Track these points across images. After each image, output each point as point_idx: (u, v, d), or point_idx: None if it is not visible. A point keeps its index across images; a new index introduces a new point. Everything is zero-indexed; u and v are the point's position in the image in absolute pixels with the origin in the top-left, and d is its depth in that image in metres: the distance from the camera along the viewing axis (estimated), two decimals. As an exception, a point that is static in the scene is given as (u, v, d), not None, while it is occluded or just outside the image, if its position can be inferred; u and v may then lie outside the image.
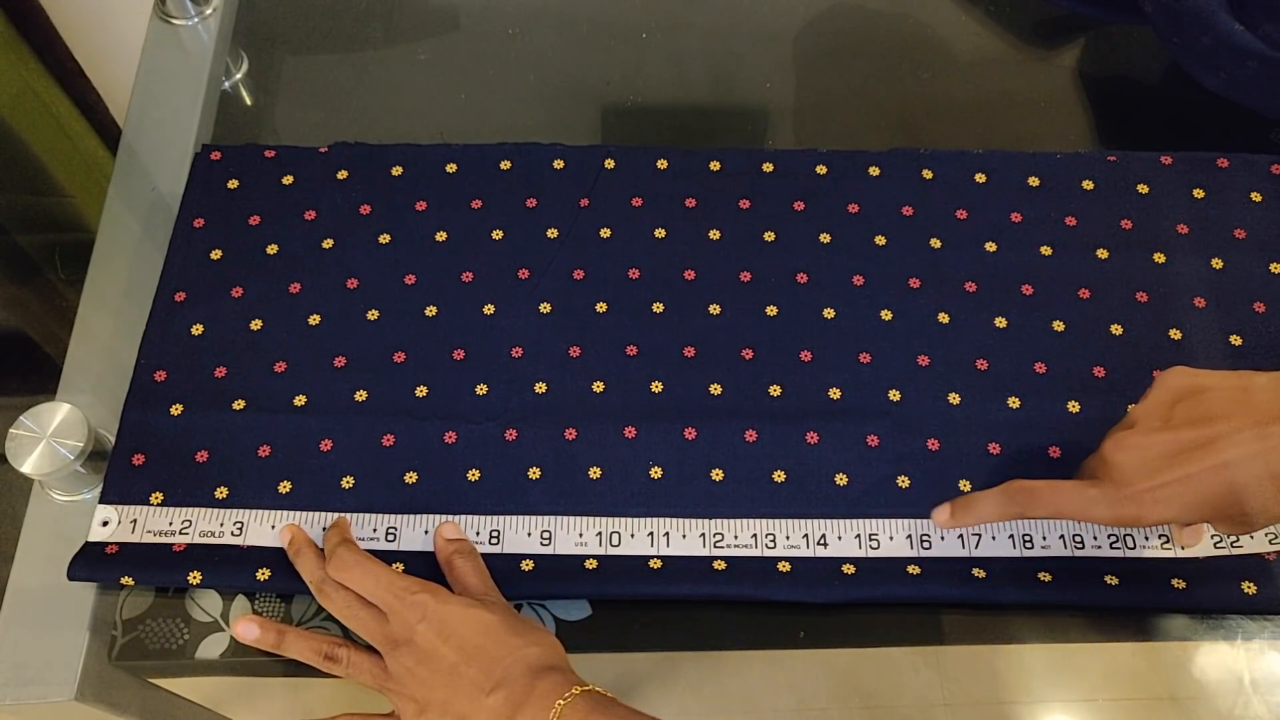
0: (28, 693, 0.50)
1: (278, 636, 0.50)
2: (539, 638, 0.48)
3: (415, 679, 0.47)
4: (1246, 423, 0.44)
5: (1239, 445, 0.44)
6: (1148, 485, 0.45)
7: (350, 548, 0.51)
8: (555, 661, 0.47)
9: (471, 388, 0.58)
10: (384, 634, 0.48)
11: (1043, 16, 0.76)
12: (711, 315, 0.60)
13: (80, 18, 0.88)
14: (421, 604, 0.48)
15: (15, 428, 0.52)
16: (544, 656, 0.47)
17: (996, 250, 0.63)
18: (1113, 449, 0.47)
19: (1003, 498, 0.50)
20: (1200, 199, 0.65)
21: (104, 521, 0.53)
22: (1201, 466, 0.44)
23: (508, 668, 0.46)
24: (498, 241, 0.63)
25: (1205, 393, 0.46)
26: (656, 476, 0.55)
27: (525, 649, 0.46)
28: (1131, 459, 0.46)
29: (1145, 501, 0.45)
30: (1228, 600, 0.52)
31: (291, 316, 0.60)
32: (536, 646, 0.47)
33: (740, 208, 0.64)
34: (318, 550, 0.52)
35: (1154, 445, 0.46)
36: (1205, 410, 0.45)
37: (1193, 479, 0.44)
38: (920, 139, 0.69)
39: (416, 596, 0.48)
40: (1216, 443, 0.44)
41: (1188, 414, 0.46)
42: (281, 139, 0.69)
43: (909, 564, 0.53)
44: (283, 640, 0.50)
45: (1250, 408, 0.44)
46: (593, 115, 0.71)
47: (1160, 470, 0.45)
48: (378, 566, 0.50)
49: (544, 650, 0.47)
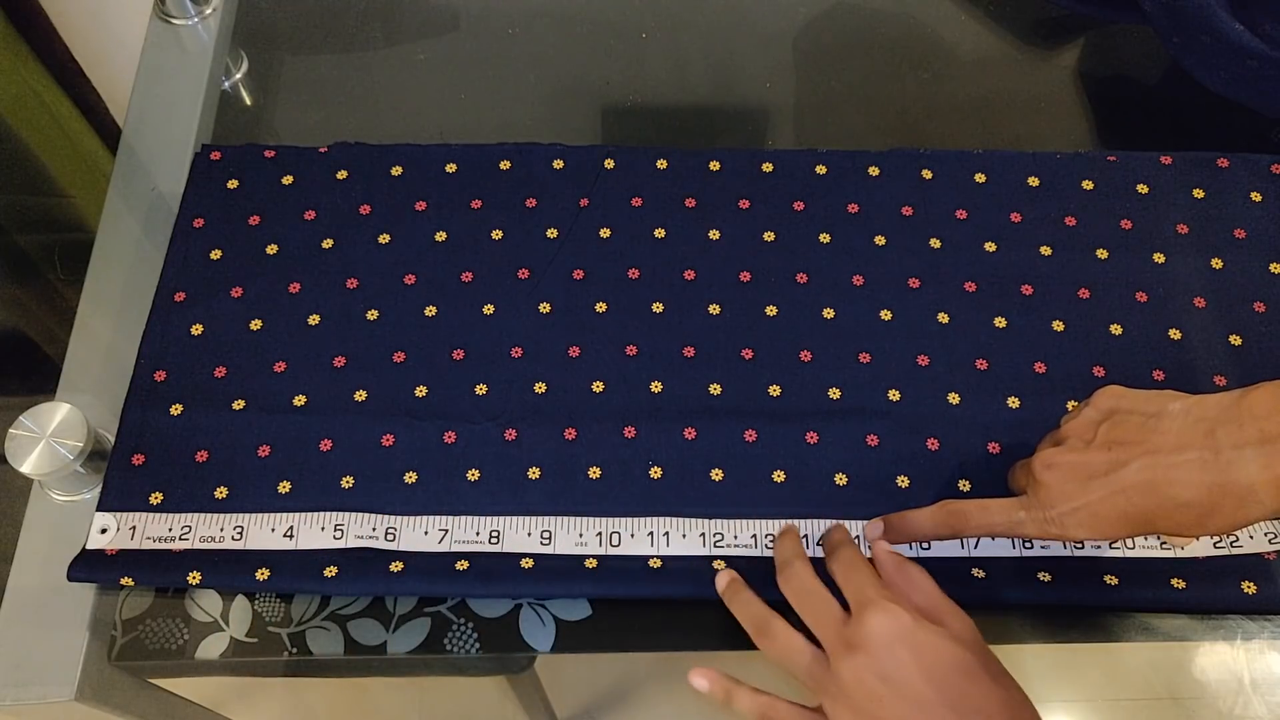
0: (27, 693, 0.50)
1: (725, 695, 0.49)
2: (1015, 688, 0.45)
3: (867, 693, 0.44)
4: (1145, 450, 0.45)
5: (1136, 473, 0.45)
6: (1067, 508, 0.47)
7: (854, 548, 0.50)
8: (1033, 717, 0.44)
9: (471, 388, 0.58)
10: (841, 633, 0.45)
11: (1043, 16, 0.76)
12: (711, 315, 0.60)
13: (80, 18, 0.88)
14: (898, 616, 0.45)
15: (15, 428, 0.52)
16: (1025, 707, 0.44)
17: (996, 250, 0.63)
18: (1041, 467, 0.48)
19: (935, 517, 0.51)
20: (1200, 199, 0.65)
21: (102, 529, 0.53)
22: (1106, 491, 0.46)
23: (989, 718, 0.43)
24: (497, 241, 0.63)
25: (1124, 416, 0.47)
26: (656, 476, 0.55)
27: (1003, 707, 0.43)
28: (1054, 479, 0.47)
29: (1067, 524, 0.47)
30: (1228, 600, 0.52)
31: (291, 316, 0.60)
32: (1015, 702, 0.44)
33: (740, 208, 0.64)
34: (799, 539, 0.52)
35: (1074, 466, 0.47)
36: (1118, 434, 0.47)
37: (1102, 503, 0.46)
38: (920, 139, 0.69)
39: (894, 607, 0.45)
40: (1118, 470, 0.46)
41: (1105, 436, 0.47)
42: (281, 139, 0.69)
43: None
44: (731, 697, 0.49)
45: (1155, 434, 0.45)
46: (593, 115, 0.71)
47: (1076, 494, 0.47)
48: (869, 567, 0.48)
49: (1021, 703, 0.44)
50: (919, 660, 0.43)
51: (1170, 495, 0.44)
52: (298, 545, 0.53)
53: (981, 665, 0.44)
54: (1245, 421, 0.43)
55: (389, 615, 0.52)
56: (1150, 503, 0.45)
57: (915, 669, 0.43)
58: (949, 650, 0.44)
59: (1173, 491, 0.44)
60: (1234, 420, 0.44)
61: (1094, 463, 0.46)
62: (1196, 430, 0.44)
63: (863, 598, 0.46)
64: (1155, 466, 0.45)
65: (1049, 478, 0.48)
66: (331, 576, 0.52)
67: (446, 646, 0.52)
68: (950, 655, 0.44)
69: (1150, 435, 0.46)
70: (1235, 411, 0.44)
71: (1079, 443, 0.48)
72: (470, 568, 0.52)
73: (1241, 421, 0.43)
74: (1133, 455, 0.45)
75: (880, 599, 0.45)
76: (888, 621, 0.44)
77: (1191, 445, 0.44)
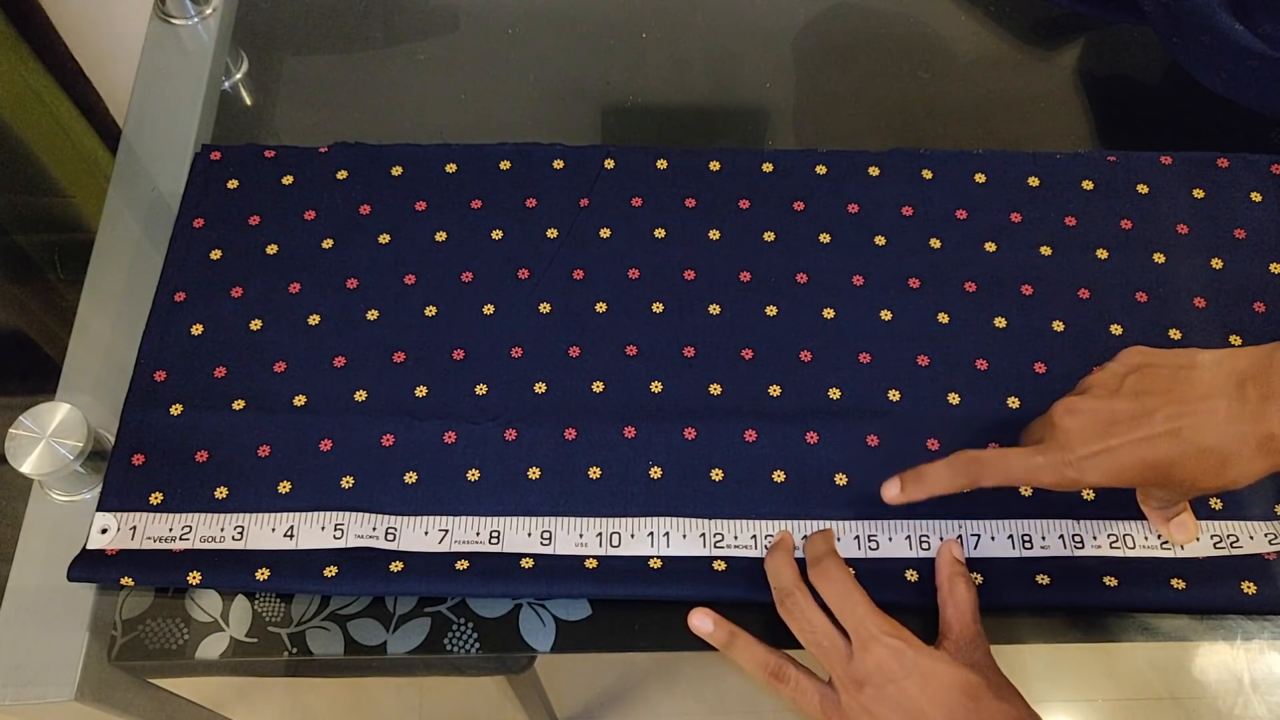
0: (27, 693, 0.50)
1: (729, 637, 0.50)
2: (1024, 706, 0.46)
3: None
4: (1174, 399, 0.45)
5: (1163, 421, 0.45)
6: (1086, 452, 0.46)
7: (839, 562, 0.50)
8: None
9: (471, 388, 0.58)
10: (847, 669, 0.47)
11: (1043, 16, 0.76)
12: (711, 315, 0.60)
13: (80, 18, 0.88)
14: (899, 650, 0.46)
15: (15, 428, 0.52)
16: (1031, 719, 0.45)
17: (996, 250, 0.63)
18: (1061, 413, 0.48)
19: (952, 468, 0.50)
20: (1200, 199, 0.65)
21: (103, 529, 0.53)
22: (1129, 438, 0.46)
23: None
24: (497, 241, 0.63)
25: (1152, 369, 0.47)
26: (656, 476, 0.55)
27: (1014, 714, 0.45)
28: (1075, 424, 0.47)
29: (1085, 468, 0.47)
30: (1228, 600, 0.52)
31: (291, 316, 0.60)
32: (1026, 708, 0.45)
33: (740, 208, 0.64)
34: (793, 558, 0.51)
35: (1097, 413, 0.47)
36: (1146, 385, 0.47)
37: (1125, 449, 0.46)
38: (920, 139, 0.69)
39: (895, 642, 0.47)
40: (1146, 417, 0.46)
41: (1132, 387, 0.47)
42: (281, 139, 0.69)
43: (908, 566, 0.53)
44: (734, 642, 0.50)
45: (1185, 385, 0.46)
46: (593, 115, 0.71)
47: (1096, 439, 0.46)
48: (861, 593, 0.49)
49: (1030, 714, 0.45)
50: (925, 689, 0.45)
51: (1193, 441, 0.44)
52: (298, 545, 0.53)
53: (986, 685, 0.46)
54: (1275, 375, 0.44)
55: (389, 615, 0.52)
56: (1173, 450, 0.45)
57: (922, 697, 0.45)
58: (953, 675, 0.46)
59: (1196, 437, 0.44)
60: (1264, 374, 0.44)
61: (1119, 410, 0.46)
62: (1228, 381, 0.45)
63: (865, 633, 0.47)
64: (1182, 415, 0.45)
65: (1071, 423, 0.47)
66: (331, 576, 0.52)
67: (446, 646, 0.52)
68: (954, 679, 0.46)
69: (1179, 385, 0.46)
70: (1266, 365, 0.44)
71: (1104, 392, 0.48)
72: (470, 568, 0.52)
73: (1271, 375, 0.44)
74: (1160, 404, 0.45)
75: (880, 634, 0.47)
76: (890, 657, 0.46)
77: (1221, 394, 0.44)
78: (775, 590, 0.50)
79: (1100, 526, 0.54)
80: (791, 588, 0.50)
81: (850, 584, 0.49)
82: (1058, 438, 0.48)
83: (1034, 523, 0.54)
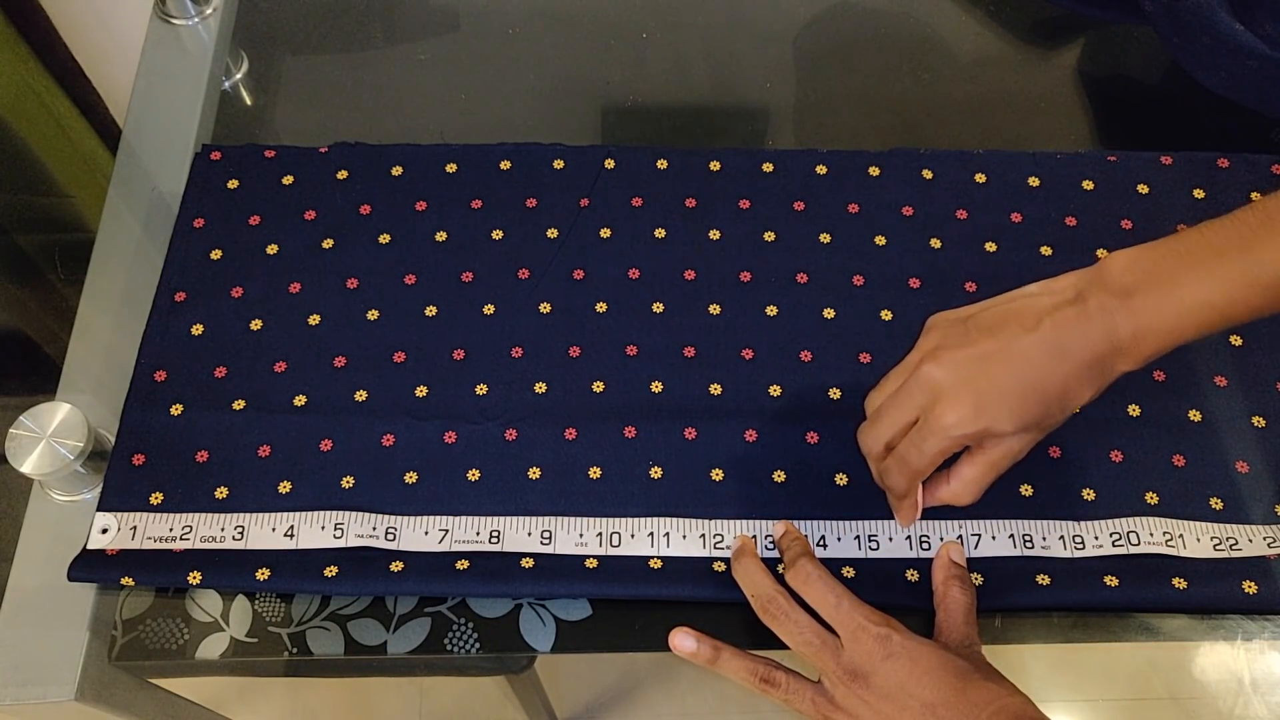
0: (28, 693, 0.50)
1: (714, 653, 0.50)
2: (1013, 688, 0.46)
3: (875, 713, 0.46)
4: (1024, 326, 0.45)
5: (1033, 343, 0.45)
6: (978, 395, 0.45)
7: (815, 560, 0.50)
8: (1038, 716, 0.45)
9: (471, 388, 0.58)
10: (840, 663, 0.47)
11: (1043, 16, 0.76)
12: (711, 315, 0.60)
13: (80, 18, 0.88)
14: (887, 638, 0.47)
15: (15, 428, 0.52)
16: (1026, 707, 0.45)
17: (996, 250, 0.63)
18: (931, 366, 0.46)
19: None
20: (1200, 199, 0.65)
21: (103, 529, 0.53)
22: (1011, 365, 0.45)
23: (993, 714, 0.44)
24: (498, 241, 0.63)
25: (981, 314, 0.47)
26: (656, 476, 0.55)
27: (1009, 697, 0.45)
28: (943, 373, 0.46)
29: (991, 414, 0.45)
30: (1228, 600, 0.52)
31: (291, 316, 0.60)
32: (1019, 696, 0.45)
33: (740, 208, 0.64)
34: (760, 561, 0.51)
35: (968, 359, 0.46)
36: (988, 322, 0.47)
37: (1010, 379, 0.45)
38: (920, 139, 0.69)
39: (881, 629, 0.47)
40: (1014, 342, 0.45)
41: (980, 327, 0.47)
42: (281, 139, 0.69)
43: (908, 567, 0.53)
44: (719, 657, 0.50)
45: (1025, 312, 0.46)
46: (593, 115, 0.71)
47: (978, 379, 0.46)
48: (842, 588, 0.49)
49: (1025, 701, 0.45)
50: (913, 670, 0.46)
51: (1072, 356, 0.44)
52: (298, 545, 0.53)
53: (974, 668, 0.46)
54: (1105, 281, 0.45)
55: (389, 615, 0.52)
56: (1058, 367, 0.45)
57: (911, 678, 0.46)
58: (940, 657, 0.46)
59: (1067, 355, 0.44)
60: (1094, 283, 0.45)
61: (984, 348, 0.46)
62: (1064, 297, 0.45)
63: (852, 625, 0.48)
64: (1043, 328, 0.45)
65: (939, 373, 0.46)
66: (332, 576, 0.52)
67: (446, 646, 0.52)
68: (943, 661, 0.46)
69: (1021, 313, 0.46)
70: (1093, 276, 0.45)
71: (954, 342, 0.47)
72: (470, 568, 0.52)
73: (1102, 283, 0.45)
74: (1017, 332, 0.45)
75: (868, 623, 0.47)
76: (878, 644, 0.47)
77: (1065, 305, 0.45)
78: (754, 599, 0.50)
79: (1101, 526, 0.54)
80: (772, 593, 0.49)
81: (829, 580, 0.49)
82: (940, 394, 0.46)
83: (1034, 523, 0.54)
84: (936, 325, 0.49)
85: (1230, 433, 0.57)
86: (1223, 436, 0.57)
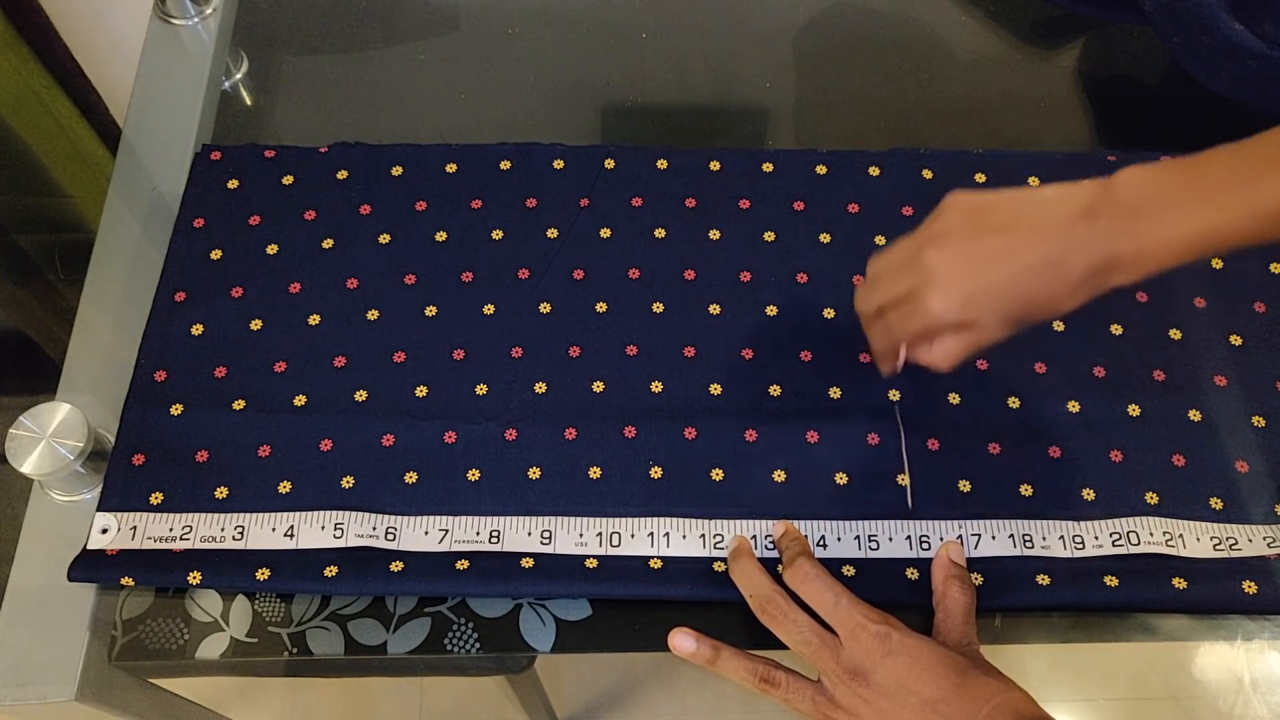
0: (28, 693, 0.50)
1: (713, 653, 0.50)
2: (1012, 683, 0.46)
3: (875, 711, 0.46)
4: (1032, 229, 0.46)
5: (1031, 252, 0.45)
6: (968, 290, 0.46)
7: (813, 560, 0.50)
8: (1038, 712, 0.45)
9: (471, 388, 0.58)
10: (839, 662, 0.47)
11: (1043, 16, 0.76)
12: (711, 315, 0.60)
13: (80, 18, 0.88)
14: (886, 636, 0.47)
15: (15, 428, 0.52)
16: (1026, 702, 0.45)
17: (996, 250, 0.63)
18: (933, 253, 0.47)
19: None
20: (1200, 199, 0.65)
21: (103, 529, 0.53)
22: (1008, 273, 0.46)
23: (994, 710, 0.44)
24: (498, 241, 0.63)
25: (994, 207, 0.47)
26: (656, 476, 0.55)
27: (1009, 692, 0.45)
28: (944, 262, 0.47)
29: (976, 306, 0.46)
30: (1228, 600, 0.52)
31: (291, 316, 0.60)
32: (1018, 691, 0.45)
33: (740, 208, 0.64)
34: (758, 561, 0.51)
35: (966, 253, 0.47)
36: (999, 220, 0.47)
37: (1006, 285, 0.46)
38: (920, 139, 0.69)
39: (880, 627, 0.47)
40: (1014, 251, 0.46)
41: (991, 223, 0.47)
42: (281, 139, 0.69)
43: (908, 566, 0.53)
44: (718, 657, 0.50)
45: (1037, 216, 0.46)
46: (593, 115, 0.71)
47: (976, 276, 0.46)
48: (840, 586, 0.49)
49: (1024, 696, 0.45)
50: (912, 666, 0.46)
51: (1071, 270, 0.45)
52: (298, 545, 0.53)
53: (973, 664, 0.47)
54: (1116, 199, 0.45)
55: (389, 615, 0.52)
56: (1055, 278, 0.45)
57: (910, 674, 0.46)
58: (940, 654, 0.46)
59: (1066, 267, 0.45)
60: (1105, 199, 0.45)
61: (988, 245, 0.46)
62: (1076, 207, 0.45)
63: (852, 623, 0.48)
64: (1049, 240, 0.45)
65: (940, 260, 0.47)
66: (332, 576, 0.52)
67: (446, 646, 0.52)
68: (942, 657, 0.46)
69: (1032, 217, 0.46)
70: (1104, 191, 0.45)
71: (961, 231, 0.47)
72: (470, 568, 0.52)
73: (1113, 200, 0.45)
74: (1023, 237, 0.46)
75: (867, 621, 0.47)
76: (877, 642, 0.47)
77: (1076, 220, 0.45)
78: (752, 599, 0.50)
79: (1101, 526, 0.54)
80: (770, 593, 0.50)
81: (828, 579, 0.49)
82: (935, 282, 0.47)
83: (1034, 523, 0.54)
84: (951, 207, 0.49)
85: (1230, 432, 0.57)
86: (1223, 436, 0.57)
